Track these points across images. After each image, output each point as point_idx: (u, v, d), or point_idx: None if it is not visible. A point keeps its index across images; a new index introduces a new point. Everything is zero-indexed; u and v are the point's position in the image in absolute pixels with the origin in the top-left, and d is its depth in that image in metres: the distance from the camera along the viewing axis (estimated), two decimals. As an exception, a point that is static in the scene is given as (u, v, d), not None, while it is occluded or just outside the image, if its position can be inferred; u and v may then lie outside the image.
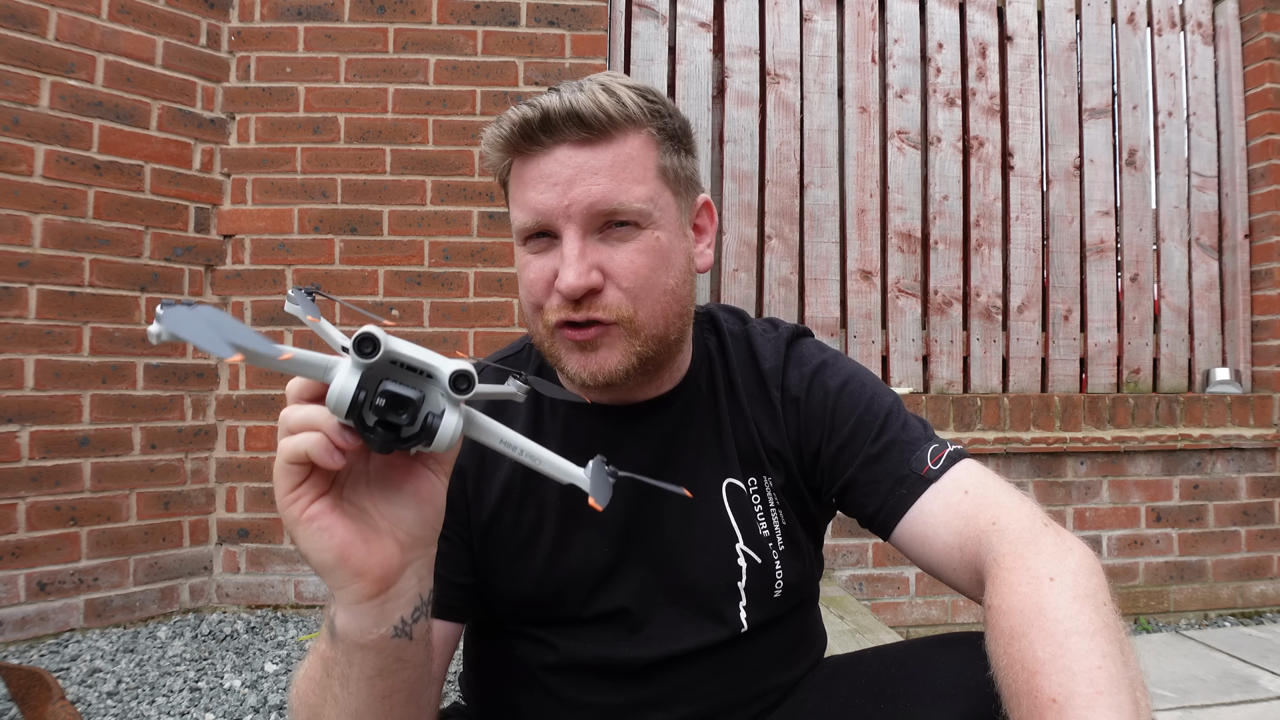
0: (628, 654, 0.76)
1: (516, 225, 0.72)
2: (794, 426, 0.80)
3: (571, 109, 0.67)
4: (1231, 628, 2.39)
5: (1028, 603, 0.57)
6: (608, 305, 0.69)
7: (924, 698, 0.65)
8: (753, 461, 0.79)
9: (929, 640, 0.74)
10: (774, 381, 0.81)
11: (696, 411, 0.80)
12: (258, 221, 2.28)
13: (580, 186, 0.68)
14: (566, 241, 0.68)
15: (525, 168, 0.70)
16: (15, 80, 1.94)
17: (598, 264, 0.69)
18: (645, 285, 0.70)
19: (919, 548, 0.72)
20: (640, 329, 0.70)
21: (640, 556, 0.77)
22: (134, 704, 1.61)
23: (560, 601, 0.77)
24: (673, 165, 0.73)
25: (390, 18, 2.33)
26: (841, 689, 0.75)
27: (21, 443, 1.93)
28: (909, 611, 2.39)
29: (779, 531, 0.79)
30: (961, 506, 0.70)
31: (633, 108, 0.70)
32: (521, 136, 0.69)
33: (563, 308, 0.69)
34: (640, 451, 0.78)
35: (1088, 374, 2.68)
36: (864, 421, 0.77)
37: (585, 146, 0.68)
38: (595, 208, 0.68)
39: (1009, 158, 2.67)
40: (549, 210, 0.68)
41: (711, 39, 2.57)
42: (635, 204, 0.69)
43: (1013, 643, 0.56)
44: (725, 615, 0.76)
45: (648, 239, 0.70)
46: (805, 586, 0.83)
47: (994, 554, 0.64)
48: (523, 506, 0.78)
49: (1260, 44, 2.68)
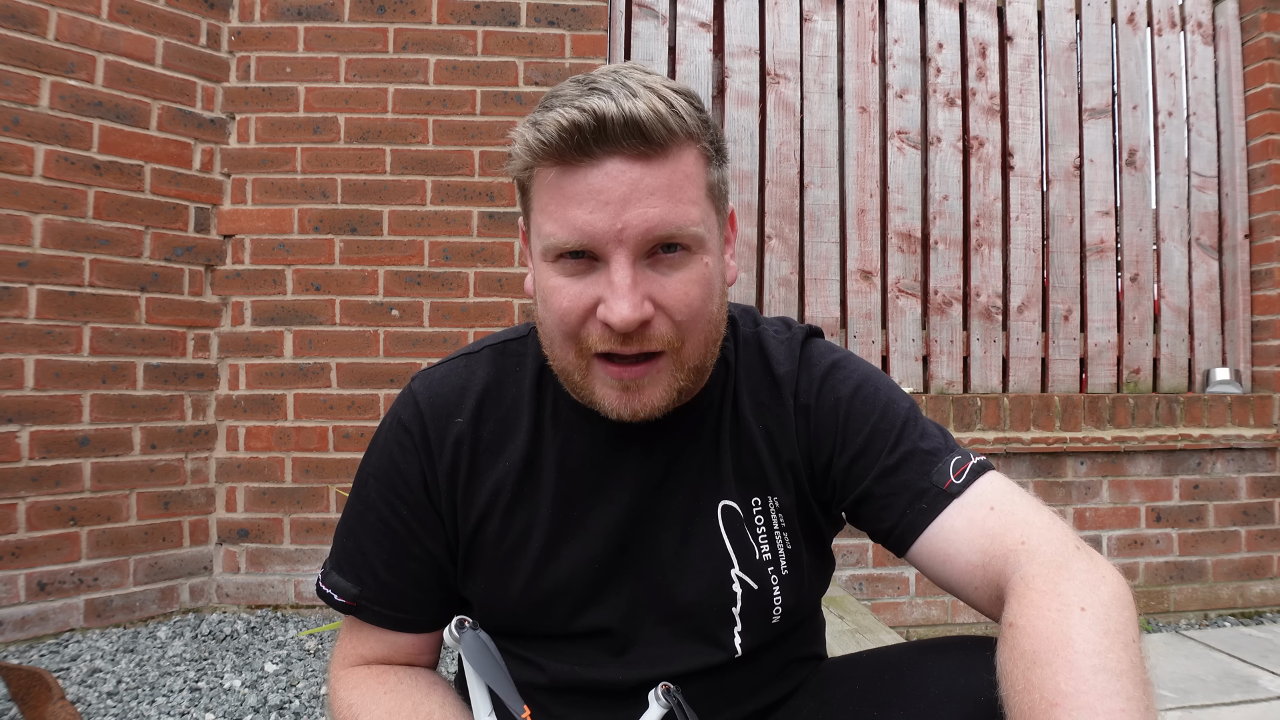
0: (616, 676, 0.73)
1: (548, 241, 0.64)
2: (804, 435, 0.76)
3: (631, 118, 0.59)
4: (1231, 628, 2.39)
5: (1055, 630, 0.55)
6: (657, 337, 0.64)
7: (918, 705, 0.64)
8: (757, 480, 0.76)
9: (924, 645, 0.73)
10: (788, 387, 0.77)
11: (702, 429, 0.76)
12: (258, 221, 2.28)
13: (636, 208, 0.61)
14: (616, 269, 0.62)
15: (566, 179, 0.62)
16: (15, 80, 1.94)
17: (649, 294, 0.63)
18: (696, 317, 0.65)
19: (939, 565, 0.69)
20: (685, 361, 0.67)
21: (632, 574, 0.74)
22: (134, 704, 1.61)
23: (545, 614, 0.74)
24: (717, 180, 0.68)
25: (390, 18, 2.33)
26: (836, 694, 0.74)
27: (21, 443, 1.93)
28: (909, 611, 2.39)
29: (782, 555, 0.75)
30: (987, 523, 0.66)
31: (690, 121, 0.63)
32: (568, 144, 0.61)
33: (608, 340, 0.63)
34: (642, 468, 0.74)
35: (1088, 374, 2.68)
36: (879, 430, 0.73)
37: (640, 161, 0.61)
38: (652, 233, 0.62)
39: (1009, 158, 2.67)
40: (600, 233, 0.61)
41: (711, 39, 2.57)
42: (691, 228, 0.63)
43: (1034, 668, 0.54)
44: (719, 639, 0.73)
45: (698, 266, 0.65)
46: (806, 605, 0.80)
47: (1022, 574, 0.61)
48: (512, 512, 0.75)
49: (1260, 44, 2.68)
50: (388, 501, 0.75)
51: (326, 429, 2.25)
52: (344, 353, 2.27)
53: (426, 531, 0.75)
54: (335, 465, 2.25)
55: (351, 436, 2.25)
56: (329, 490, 2.24)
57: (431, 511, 0.75)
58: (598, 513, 0.74)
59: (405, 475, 0.75)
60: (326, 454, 2.25)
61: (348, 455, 2.25)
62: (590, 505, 0.74)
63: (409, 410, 0.76)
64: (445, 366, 0.79)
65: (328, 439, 2.25)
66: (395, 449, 0.76)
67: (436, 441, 0.74)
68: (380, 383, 2.27)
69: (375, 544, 0.75)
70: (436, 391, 0.77)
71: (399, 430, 0.76)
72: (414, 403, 0.76)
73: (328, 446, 2.25)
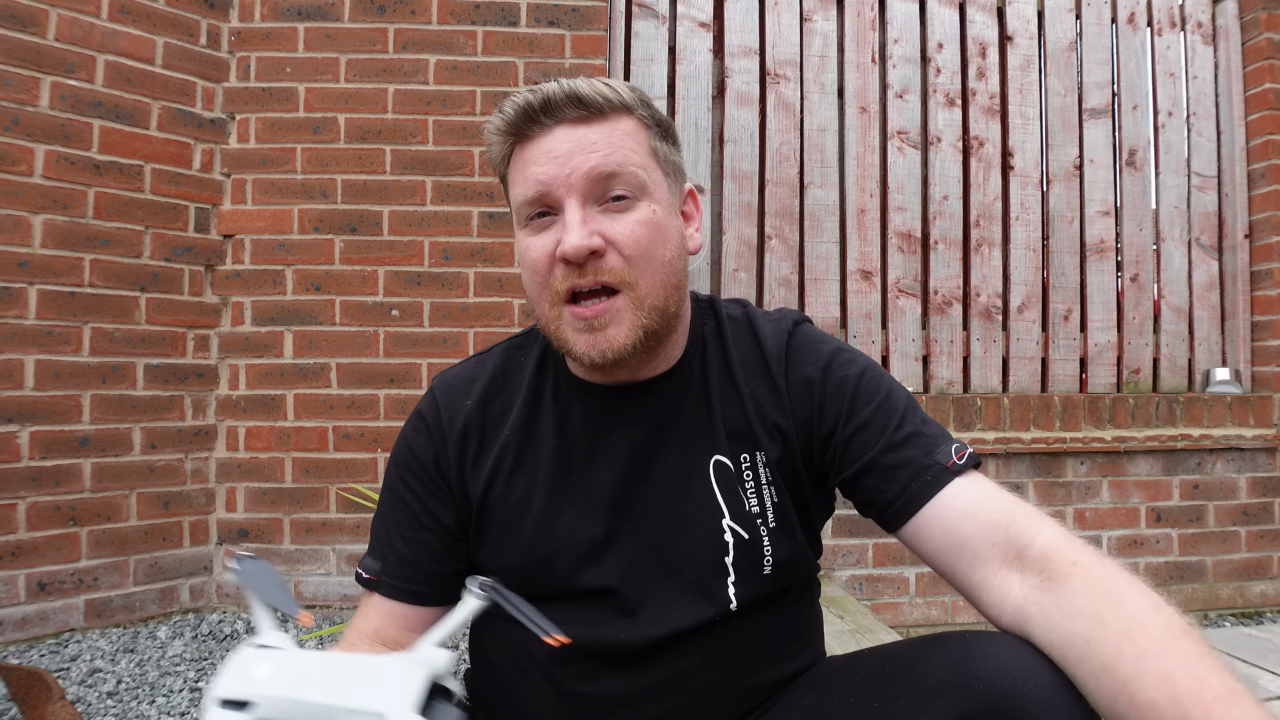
0: (621, 636, 0.76)
1: (518, 202, 0.74)
2: (804, 405, 0.80)
3: (571, 91, 0.71)
4: (1231, 628, 2.39)
5: (1111, 579, 0.61)
6: (609, 269, 0.71)
7: (918, 696, 0.64)
8: (745, 437, 0.80)
9: (923, 639, 0.74)
10: (777, 360, 0.82)
11: (690, 391, 0.82)
12: (258, 221, 2.28)
13: (579, 156, 0.71)
14: (569, 210, 0.71)
15: (526, 149, 0.74)
16: (15, 80, 1.94)
17: (599, 230, 0.71)
18: (645, 254, 0.72)
19: (950, 527, 0.72)
20: (643, 299, 0.72)
21: (630, 531, 0.78)
22: (134, 704, 1.61)
23: (549, 571, 0.78)
24: (662, 150, 0.77)
25: (390, 18, 2.33)
26: (837, 688, 0.75)
27: (21, 443, 1.93)
28: (909, 611, 2.39)
29: (769, 508, 0.79)
30: (999, 498, 0.72)
31: (626, 95, 0.74)
32: (523, 119, 0.72)
33: (568, 276, 0.71)
34: (634, 429, 0.80)
35: (1088, 374, 2.68)
36: (885, 408, 0.78)
37: (583, 124, 0.72)
38: (595, 171, 0.71)
39: (1009, 158, 2.67)
40: (550, 179, 0.71)
41: (711, 39, 2.57)
42: (632, 168, 0.72)
43: (1106, 602, 0.59)
44: (713, 592, 0.77)
45: (645, 211, 0.73)
46: (798, 568, 0.83)
47: (1047, 536, 0.67)
48: (514, 476, 0.80)
49: (1260, 44, 2.68)
50: (404, 481, 0.83)
51: (326, 429, 2.25)
52: (344, 353, 2.27)
53: (437, 503, 0.82)
54: (335, 465, 2.25)
55: (351, 436, 2.25)
56: (329, 490, 2.24)
57: (442, 485, 0.82)
58: (593, 472, 0.79)
59: (419, 456, 0.83)
60: (326, 454, 2.25)
61: (348, 455, 2.25)
62: (587, 466, 0.80)
63: (426, 402, 0.86)
64: (460, 364, 0.89)
65: (328, 439, 2.25)
66: (411, 435, 0.85)
67: (448, 423, 0.83)
68: (380, 383, 2.27)
69: (395, 521, 0.83)
70: (450, 384, 0.86)
71: (416, 419, 0.85)
72: (431, 396, 0.86)
73: (328, 446, 2.25)
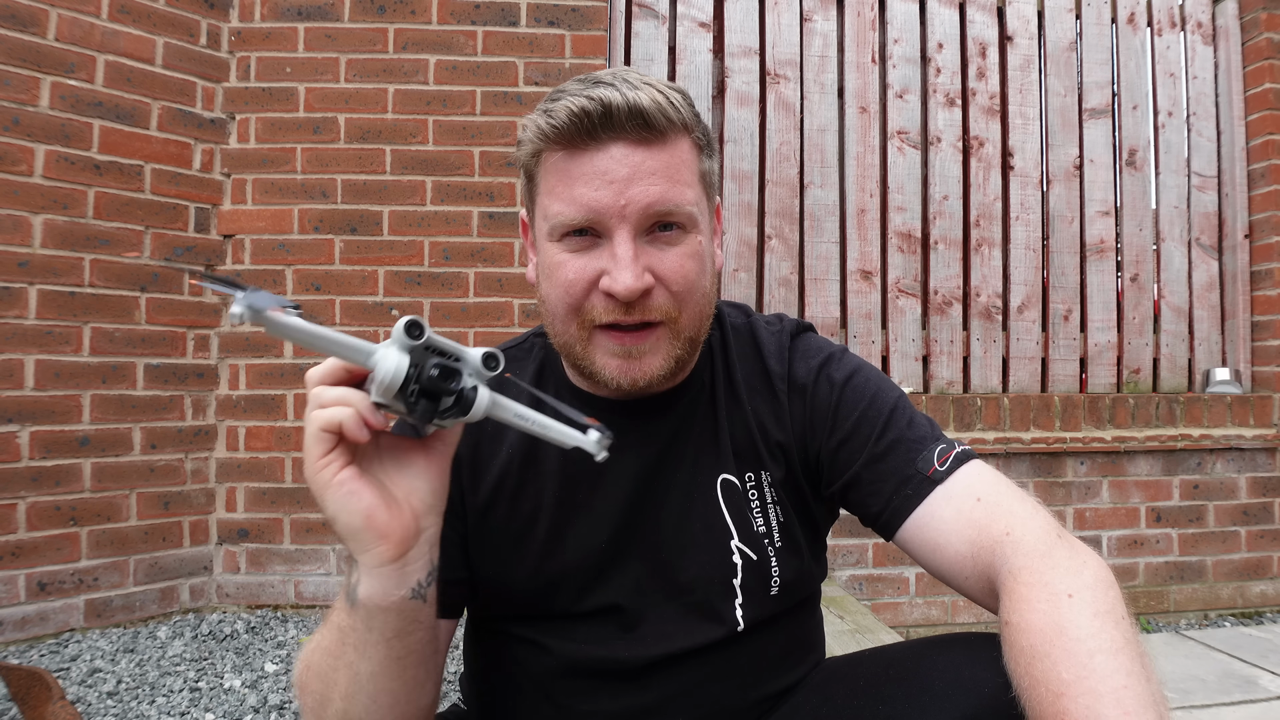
0: (623, 654, 0.75)
1: (555, 220, 0.69)
2: (800, 418, 0.79)
3: (635, 106, 0.65)
4: (1231, 628, 2.39)
5: (1048, 621, 0.57)
6: (656, 307, 0.69)
7: (921, 699, 0.64)
8: (750, 456, 0.79)
9: (926, 641, 0.74)
10: (779, 374, 0.80)
11: (698, 408, 0.80)
12: (258, 221, 2.28)
13: (638, 186, 0.67)
14: (619, 242, 0.67)
15: (573, 162, 0.68)
16: (15, 80, 1.94)
17: (648, 266, 0.68)
18: (691, 288, 0.70)
19: (928, 553, 0.71)
20: (682, 330, 0.71)
21: (636, 552, 0.77)
22: (134, 704, 1.61)
23: (553, 595, 0.77)
24: (708, 171, 0.75)
25: (390, 18, 2.33)
26: (839, 691, 0.75)
27: (21, 443, 1.93)
28: (909, 611, 2.39)
29: (775, 528, 0.78)
30: (974, 514, 0.69)
31: (685, 113, 0.70)
32: (576, 128, 0.66)
33: (612, 310, 0.69)
34: (644, 449, 0.78)
35: (1088, 374, 2.68)
36: (867, 417, 0.76)
37: (642, 146, 0.67)
38: (652, 209, 0.67)
39: (1009, 158, 2.67)
40: (603, 209, 0.67)
41: (711, 39, 2.57)
42: (687, 206, 0.69)
43: (1035, 663, 0.56)
44: (721, 613, 0.76)
45: (692, 243, 0.71)
46: (803, 586, 0.82)
47: (1009, 567, 0.63)
48: (518, 497, 0.78)
49: (1260, 44, 2.68)
50: None
51: (326, 429, 2.25)
52: (344, 353, 2.27)
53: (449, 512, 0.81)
54: (335, 465, 2.24)
55: (351, 436, 2.25)
56: (329, 490, 2.23)
57: None
58: (601, 494, 0.77)
59: None
60: (326, 454, 2.24)
61: (348, 455, 2.24)
62: (593, 487, 0.77)
63: None
64: None
65: (328, 439, 2.24)
66: None
67: None
68: (380, 383, 2.27)
69: None
70: None
71: None
72: None
73: (328, 446, 2.24)
